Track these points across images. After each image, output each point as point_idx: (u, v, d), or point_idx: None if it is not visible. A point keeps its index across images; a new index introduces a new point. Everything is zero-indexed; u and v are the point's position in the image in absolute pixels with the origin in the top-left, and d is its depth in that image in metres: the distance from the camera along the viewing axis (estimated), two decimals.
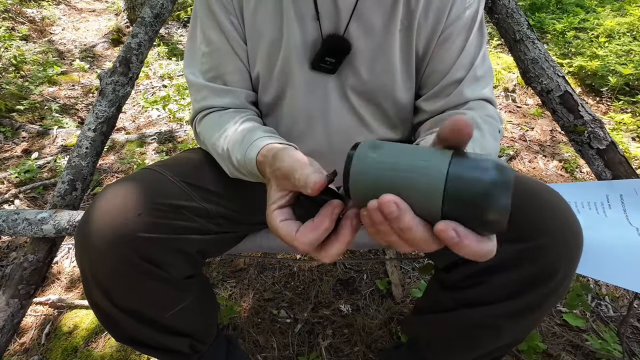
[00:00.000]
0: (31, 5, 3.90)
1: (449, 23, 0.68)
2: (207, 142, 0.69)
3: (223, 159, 0.65)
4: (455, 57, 0.69)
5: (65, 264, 1.42)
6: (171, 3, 1.39)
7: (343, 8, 0.66)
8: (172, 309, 0.65)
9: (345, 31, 0.68)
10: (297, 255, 1.44)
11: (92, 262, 0.58)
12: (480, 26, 0.71)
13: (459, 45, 0.69)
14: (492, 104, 0.73)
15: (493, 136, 0.64)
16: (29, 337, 1.15)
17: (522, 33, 1.26)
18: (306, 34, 0.68)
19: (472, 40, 0.69)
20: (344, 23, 0.67)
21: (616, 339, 1.09)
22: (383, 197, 0.34)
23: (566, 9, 3.69)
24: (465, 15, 0.68)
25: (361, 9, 0.66)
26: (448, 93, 0.71)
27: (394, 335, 1.15)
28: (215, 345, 0.83)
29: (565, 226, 0.58)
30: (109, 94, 1.13)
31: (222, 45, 0.70)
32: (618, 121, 2.27)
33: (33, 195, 1.75)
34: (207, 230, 0.66)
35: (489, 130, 0.64)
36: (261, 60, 0.71)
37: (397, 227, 0.35)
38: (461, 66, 0.70)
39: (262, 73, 0.72)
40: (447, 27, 0.68)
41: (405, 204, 0.34)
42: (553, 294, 0.59)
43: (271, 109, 0.76)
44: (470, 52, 0.70)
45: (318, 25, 0.67)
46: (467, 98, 0.70)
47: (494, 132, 0.65)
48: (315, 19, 0.67)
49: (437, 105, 0.72)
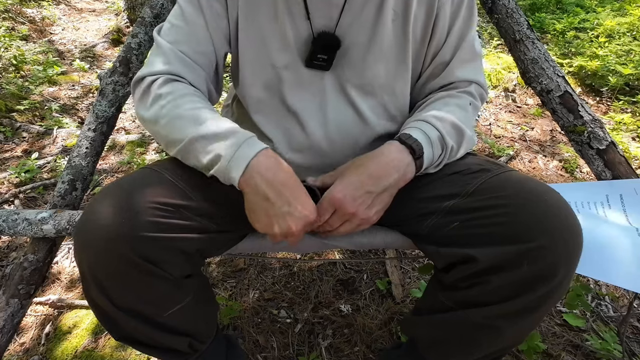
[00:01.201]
0: (31, 5, 3.90)
1: (439, 6, 0.71)
2: (171, 109, 0.65)
3: (163, 133, 0.66)
4: (444, 39, 0.74)
5: (65, 264, 1.42)
6: (171, 3, 1.39)
7: (334, 4, 0.67)
8: (171, 308, 0.65)
9: (337, 27, 0.70)
10: (297, 255, 1.44)
11: (91, 261, 0.58)
12: (469, 7, 0.74)
13: (446, 27, 0.73)
14: (480, 85, 0.78)
15: (458, 106, 0.73)
16: (29, 337, 1.15)
17: (522, 33, 1.26)
18: (298, 33, 0.70)
19: (460, 22, 0.73)
20: (336, 19, 0.69)
21: (616, 339, 1.09)
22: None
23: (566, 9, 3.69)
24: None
25: (351, 3, 0.69)
26: (436, 74, 0.77)
27: (394, 335, 1.15)
28: (214, 344, 0.83)
29: (564, 227, 0.58)
30: (109, 94, 1.13)
31: (197, 24, 0.70)
32: (618, 121, 2.27)
33: (33, 195, 1.75)
34: (206, 229, 0.66)
35: (456, 103, 0.73)
36: (255, 58, 0.72)
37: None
38: (450, 48, 0.74)
39: (255, 70, 0.73)
40: (439, 11, 0.71)
41: None
42: (552, 294, 0.59)
43: (265, 105, 0.77)
44: (458, 33, 0.74)
45: (309, 24, 0.69)
46: (456, 78, 0.76)
47: (462, 103, 0.74)
48: (306, 18, 0.68)
49: (427, 88, 0.79)
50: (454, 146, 0.70)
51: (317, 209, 0.63)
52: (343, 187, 0.64)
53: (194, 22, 0.70)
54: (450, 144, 0.69)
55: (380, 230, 0.81)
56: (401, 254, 1.42)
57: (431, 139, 0.68)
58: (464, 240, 0.63)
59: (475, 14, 0.76)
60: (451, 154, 0.71)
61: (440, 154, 0.69)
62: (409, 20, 0.70)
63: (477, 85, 0.78)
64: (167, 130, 0.65)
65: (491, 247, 0.60)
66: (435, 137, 0.68)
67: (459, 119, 0.70)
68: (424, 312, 0.78)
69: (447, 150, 0.69)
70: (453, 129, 0.70)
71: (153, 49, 0.74)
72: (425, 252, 0.75)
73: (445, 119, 0.70)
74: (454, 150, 0.70)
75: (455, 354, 0.74)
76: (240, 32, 0.72)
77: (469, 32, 0.75)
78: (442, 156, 0.69)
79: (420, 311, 0.79)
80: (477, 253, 0.61)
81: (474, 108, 0.77)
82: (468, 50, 0.76)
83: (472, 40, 0.76)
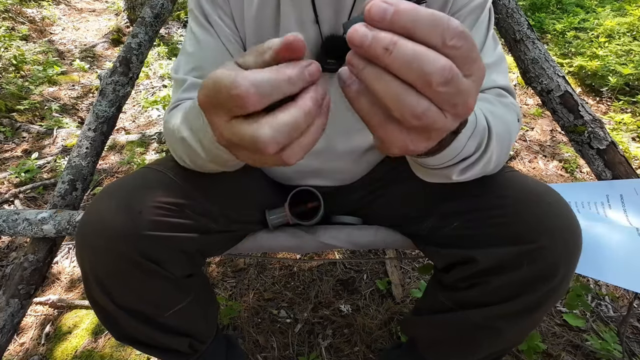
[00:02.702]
0: (31, 5, 3.90)
1: (454, 9, 0.64)
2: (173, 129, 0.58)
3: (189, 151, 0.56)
4: None
5: (65, 264, 1.42)
6: (171, 3, 1.39)
7: (342, 9, 0.66)
8: (172, 308, 0.65)
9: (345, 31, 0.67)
10: (297, 255, 1.44)
11: (92, 260, 0.58)
12: (490, 13, 0.66)
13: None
14: (510, 93, 0.64)
15: (510, 111, 0.58)
16: (29, 337, 1.15)
17: (522, 33, 1.26)
18: (307, 38, 0.68)
19: (480, 26, 0.64)
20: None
21: (616, 339, 1.09)
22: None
23: (566, 9, 3.69)
24: (474, 3, 0.63)
25: (360, 7, 0.66)
26: None
27: (394, 335, 1.15)
28: (214, 345, 0.83)
29: (564, 227, 0.58)
30: (109, 94, 1.13)
31: (212, 44, 0.68)
32: (618, 121, 2.27)
33: (33, 195, 1.75)
34: (207, 229, 0.66)
35: (504, 109, 0.58)
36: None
37: (398, 27, 0.26)
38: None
39: None
40: (453, 14, 0.64)
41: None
42: (552, 294, 0.59)
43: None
44: (477, 38, 0.64)
45: (318, 28, 0.67)
46: (494, 83, 0.63)
47: (511, 110, 0.59)
48: (314, 22, 0.67)
49: None
50: (492, 156, 0.50)
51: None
52: None
53: (208, 44, 0.67)
54: (492, 149, 0.49)
55: (380, 230, 0.81)
56: (401, 254, 1.42)
57: (477, 122, 0.46)
58: (464, 241, 0.63)
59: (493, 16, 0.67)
60: (477, 165, 0.50)
61: (471, 154, 0.48)
62: None
63: (510, 96, 0.64)
64: (182, 154, 0.60)
65: (491, 248, 0.60)
66: (482, 127, 0.47)
67: (511, 127, 0.55)
68: (424, 312, 0.78)
69: (483, 155, 0.49)
70: (504, 133, 0.53)
71: (172, 86, 0.71)
72: (425, 252, 0.75)
73: (499, 115, 0.52)
74: (488, 160, 0.50)
75: (455, 354, 0.74)
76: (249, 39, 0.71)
77: (488, 34, 0.66)
78: (472, 158, 0.48)
79: (420, 311, 0.79)
80: (477, 254, 0.61)
81: (519, 126, 0.61)
82: (491, 55, 0.65)
83: (494, 43, 0.66)
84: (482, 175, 0.55)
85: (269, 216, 0.78)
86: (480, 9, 0.64)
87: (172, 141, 0.60)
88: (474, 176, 0.52)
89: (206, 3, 0.66)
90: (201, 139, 0.49)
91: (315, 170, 0.79)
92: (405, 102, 0.26)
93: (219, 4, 0.66)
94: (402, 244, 0.79)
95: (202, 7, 0.66)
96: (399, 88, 0.26)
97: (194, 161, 0.58)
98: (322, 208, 0.77)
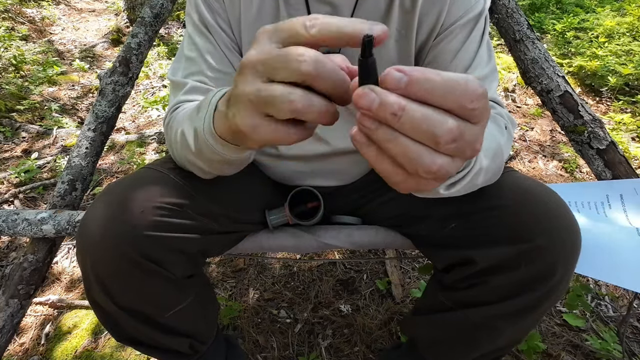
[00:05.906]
0: (31, 5, 3.90)
1: (447, 23, 0.65)
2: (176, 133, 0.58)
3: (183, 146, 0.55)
4: (453, 57, 0.66)
5: (65, 264, 1.42)
6: (171, 3, 1.39)
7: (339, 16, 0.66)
8: (173, 308, 0.65)
9: None
10: (297, 256, 1.44)
11: (93, 260, 0.58)
12: (485, 22, 0.66)
13: (457, 45, 0.66)
14: (498, 104, 0.67)
15: (497, 124, 0.60)
16: (29, 337, 1.15)
17: (522, 33, 1.26)
18: None
19: (472, 40, 0.66)
20: None
21: (616, 339, 1.09)
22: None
23: (566, 9, 3.69)
24: (467, 16, 0.64)
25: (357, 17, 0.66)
26: None
27: (394, 335, 1.15)
28: (214, 345, 0.83)
29: (562, 227, 0.58)
30: (109, 94, 1.13)
31: (209, 48, 0.67)
32: (618, 121, 2.27)
33: (33, 195, 1.75)
34: (208, 229, 0.66)
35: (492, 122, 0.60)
36: None
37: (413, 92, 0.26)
38: (460, 66, 0.66)
39: None
40: (446, 28, 0.65)
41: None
42: (551, 294, 0.59)
43: None
44: (471, 50, 0.66)
45: None
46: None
47: (499, 124, 0.61)
48: None
49: None
50: (480, 170, 0.51)
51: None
52: None
53: (206, 48, 0.68)
54: (479, 164, 0.50)
55: (380, 230, 0.81)
56: (401, 254, 1.42)
57: None
58: (463, 242, 0.63)
59: (488, 29, 0.68)
60: (473, 177, 0.51)
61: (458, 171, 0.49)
62: (412, 39, 0.66)
63: (500, 107, 0.66)
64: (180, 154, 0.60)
65: (489, 248, 0.60)
66: None
67: (499, 139, 0.56)
68: (423, 312, 0.78)
69: (470, 171, 0.50)
70: (494, 146, 0.54)
71: (169, 88, 0.72)
72: (425, 252, 0.75)
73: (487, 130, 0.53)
74: (476, 174, 0.51)
75: (455, 354, 0.74)
76: (245, 45, 0.70)
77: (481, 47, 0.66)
78: (459, 175, 0.49)
79: (420, 311, 0.79)
80: (476, 254, 0.61)
81: (509, 135, 0.62)
82: (484, 68, 0.65)
83: (489, 56, 0.67)
84: (473, 189, 0.56)
85: (269, 216, 0.78)
86: (474, 22, 0.64)
87: (172, 142, 0.61)
88: (463, 190, 0.53)
89: (204, 9, 0.66)
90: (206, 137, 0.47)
91: (315, 170, 0.79)
92: (418, 162, 0.27)
93: (216, 9, 0.66)
94: (401, 244, 0.79)
95: (200, 12, 0.66)
96: (410, 148, 0.27)
97: (193, 162, 0.58)
98: (322, 208, 0.77)
